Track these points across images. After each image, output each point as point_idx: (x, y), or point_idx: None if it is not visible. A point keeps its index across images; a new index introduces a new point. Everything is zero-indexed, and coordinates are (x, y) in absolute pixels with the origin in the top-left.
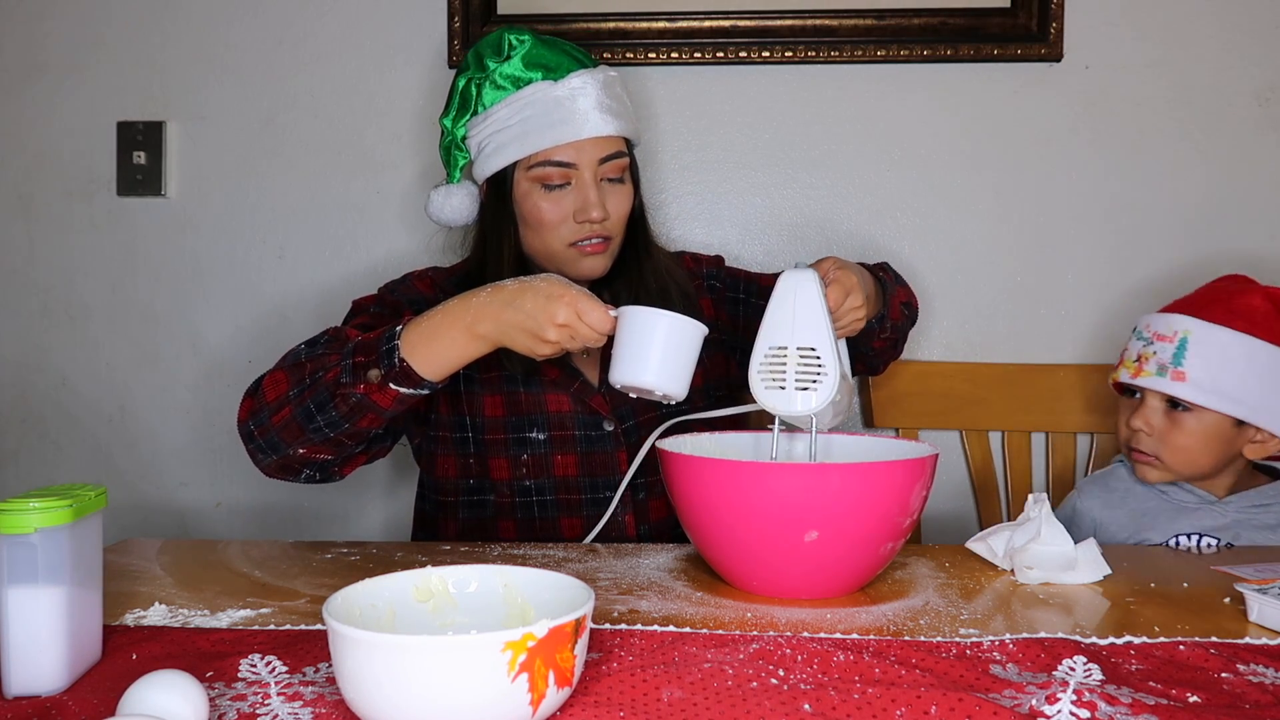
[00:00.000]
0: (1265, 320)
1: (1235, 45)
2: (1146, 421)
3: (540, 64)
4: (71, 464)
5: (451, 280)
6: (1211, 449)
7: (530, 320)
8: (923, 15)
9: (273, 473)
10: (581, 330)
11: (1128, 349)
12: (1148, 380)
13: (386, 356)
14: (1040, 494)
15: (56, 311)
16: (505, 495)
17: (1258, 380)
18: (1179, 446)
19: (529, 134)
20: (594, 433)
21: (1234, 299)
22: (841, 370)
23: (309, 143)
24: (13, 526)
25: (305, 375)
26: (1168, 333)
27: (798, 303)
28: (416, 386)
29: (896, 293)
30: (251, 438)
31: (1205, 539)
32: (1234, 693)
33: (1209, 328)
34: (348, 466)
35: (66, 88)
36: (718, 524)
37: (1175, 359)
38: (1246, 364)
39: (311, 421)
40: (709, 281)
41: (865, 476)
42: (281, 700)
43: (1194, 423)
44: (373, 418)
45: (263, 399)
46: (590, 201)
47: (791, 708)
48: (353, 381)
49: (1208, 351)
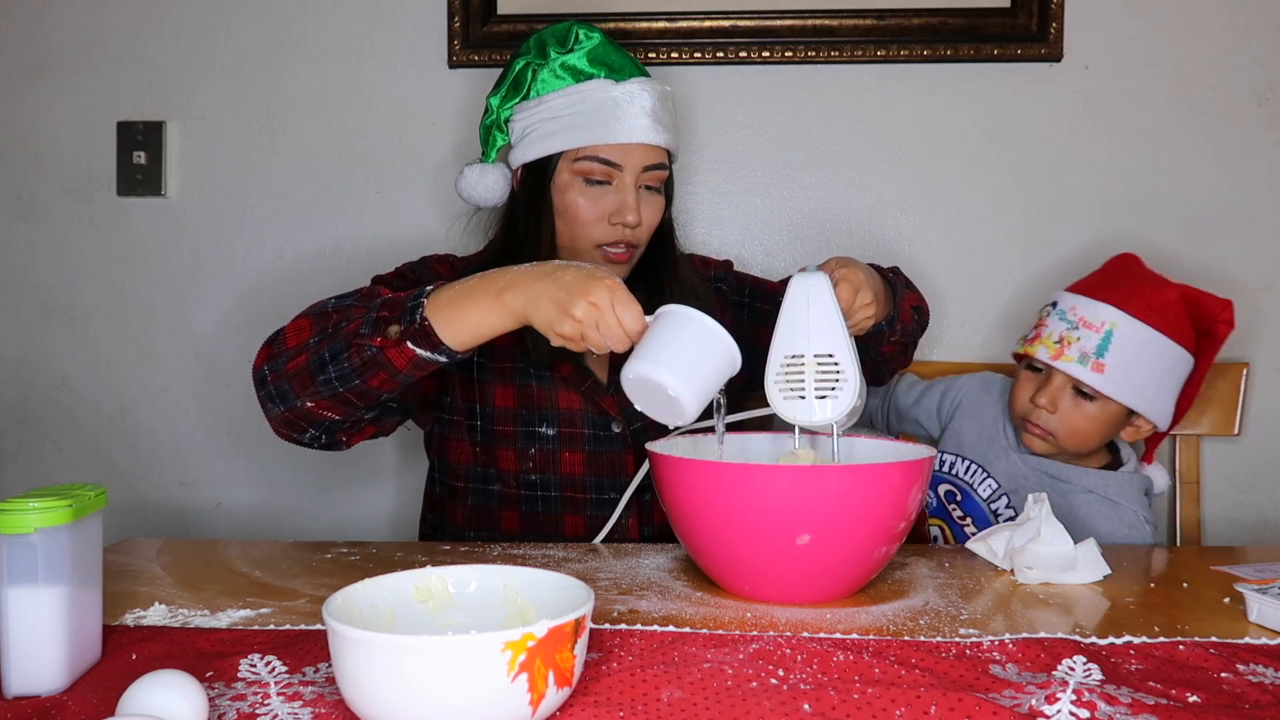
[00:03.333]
0: (1177, 321)
1: (1235, 45)
2: (1052, 401)
3: (605, 62)
4: (71, 464)
5: (470, 268)
6: (1104, 433)
7: (563, 291)
8: (923, 15)
9: (280, 428)
10: (608, 321)
11: (1047, 326)
12: (1067, 365)
13: (410, 313)
14: (1040, 494)
15: (56, 311)
16: (511, 486)
17: (1161, 377)
18: (1077, 429)
19: (582, 127)
20: (602, 433)
21: (1153, 293)
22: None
23: (309, 143)
24: (13, 526)
25: (329, 325)
26: (1095, 322)
27: (811, 308)
28: (435, 350)
29: (906, 296)
30: (264, 383)
31: (988, 480)
32: (1234, 693)
33: (1133, 323)
34: (355, 435)
35: (66, 88)
36: (708, 527)
37: (1099, 351)
38: (1157, 362)
39: (323, 371)
40: (716, 284)
41: (858, 479)
42: (281, 700)
43: (1097, 410)
44: (385, 378)
45: (282, 345)
46: (628, 204)
47: (791, 708)
48: (371, 334)
49: (1128, 347)
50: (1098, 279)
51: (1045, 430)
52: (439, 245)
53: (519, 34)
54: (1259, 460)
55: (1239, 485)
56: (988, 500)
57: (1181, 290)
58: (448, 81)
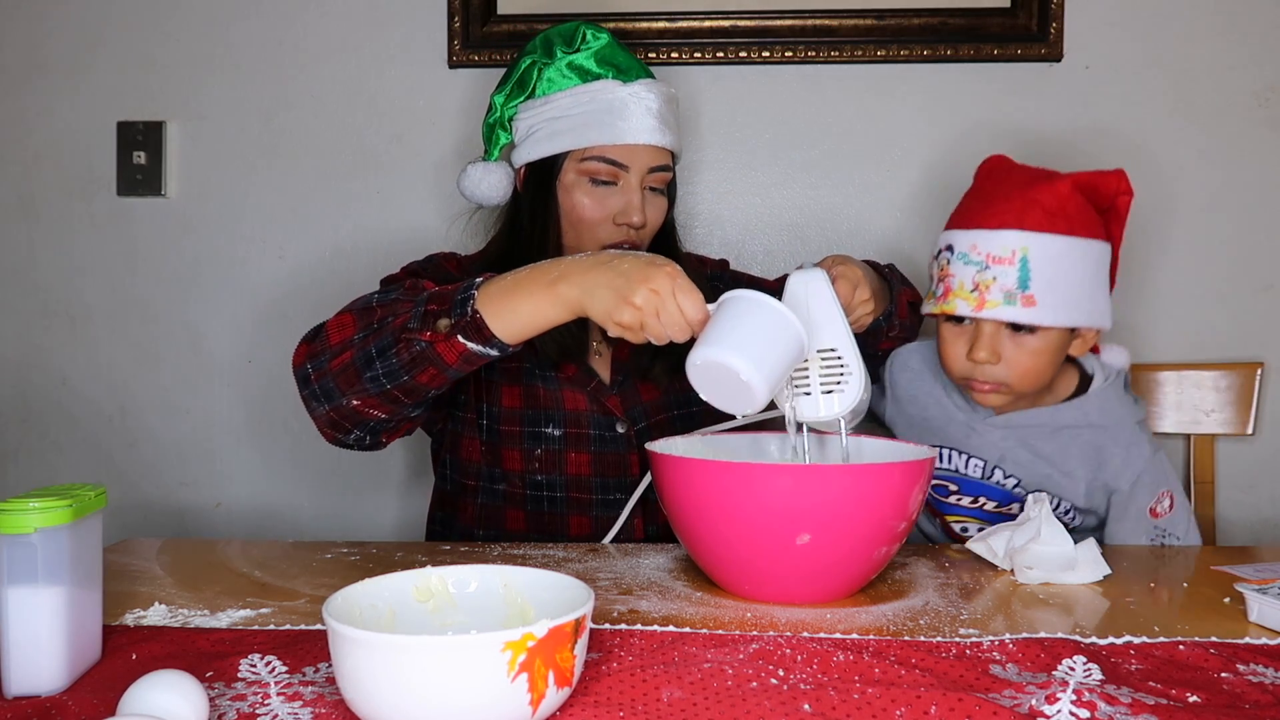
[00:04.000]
0: (1081, 214)
1: (1235, 45)
2: (991, 351)
3: (612, 63)
4: (71, 464)
5: (475, 265)
6: (1055, 361)
7: (622, 279)
8: (923, 15)
9: (325, 427)
10: (669, 308)
11: (953, 275)
12: (996, 311)
13: (460, 306)
14: (1040, 494)
15: (56, 311)
16: (517, 486)
17: (1089, 281)
18: (1026, 370)
19: (589, 127)
20: (607, 433)
21: (1046, 195)
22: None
23: (309, 143)
24: (13, 526)
25: (374, 320)
26: (1004, 254)
27: (811, 304)
28: (486, 344)
29: (904, 291)
30: (307, 382)
31: (972, 460)
32: (1234, 693)
33: (1043, 239)
34: (395, 434)
35: (66, 88)
36: (706, 527)
37: (1021, 283)
38: (1080, 268)
39: (370, 368)
40: (713, 283)
41: (859, 478)
42: (281, 700)
43: (1039, 342)
44: (434, 373)
45: (325, 341)
46: (634, 205)
47: (791, 708)
48: (420, 328)
49: (1048, 267)
50: (980, 204)
51: (994, 383)
52: (439, 244)
53: (519, 34)
54: (1274, 460)
55: (1253, 485)
56: (986, 478)
57: (1071, 180)
58: (448, 81)
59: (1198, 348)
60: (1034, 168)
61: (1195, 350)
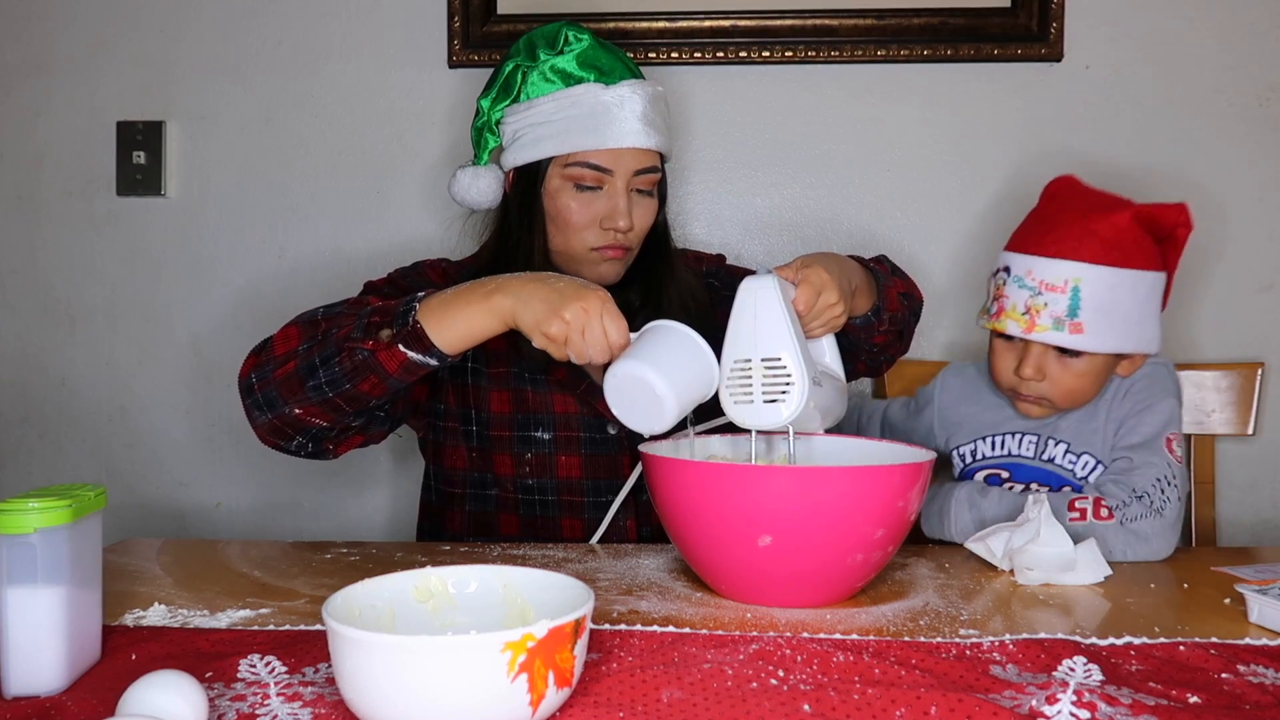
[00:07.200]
0: (1138, 246)
1: (1235, 45)
2: (1037, 370)
3: (594, 65)
4: (71, 464)
5: (464, 272)
6: (1100, 381)
7: (556, 294)
8: (923, 15)
9: (266, 435)
10: (595, 329)
11: (1006, 297)
12: (1044, 335)
13: (402, 317)
14: (1040, 494)
15: (56, 311)
16: (508, 491)
17: (1140, 310)
18: (1070, 389)
19: (572, 132)
20: (598, 435)
21: (1105, 227)
22: (831, 373)
23: (309, 143)
24: (12, 526)
25: (319, 332)
26: (1058, 282)
27: (758, 313)
28: (426, 353)
29: (893, 283)
30: (250, 392)
31: (1025, 438)
32: (1234, 693)
33: (1097, 270)
34: (343, 444)
35: (66, 88)
36: (684, 525)
37: (1071, 311)
38: (1132, 298)
39: (313, 376)
40: (709, 280)
41: (813, 482)
42: (281, 700)
43: (1084, 365)
44: (375, 381)
45: (270, 353)
46: (620, 210)
47: (791, 708)
48: (362, 337)
49: (1099, 297)
50: (1042, 228)
51: (1038, 396)
52: (438, 245)
53: (519, 34)
54: (1275, 460)
55: (1254, 485)
56: (1040, 455)
57: (1133, 211)
58: (448, 81)
59: (1198, 348)
60: (1098, 192)
61: (1195, 350)
